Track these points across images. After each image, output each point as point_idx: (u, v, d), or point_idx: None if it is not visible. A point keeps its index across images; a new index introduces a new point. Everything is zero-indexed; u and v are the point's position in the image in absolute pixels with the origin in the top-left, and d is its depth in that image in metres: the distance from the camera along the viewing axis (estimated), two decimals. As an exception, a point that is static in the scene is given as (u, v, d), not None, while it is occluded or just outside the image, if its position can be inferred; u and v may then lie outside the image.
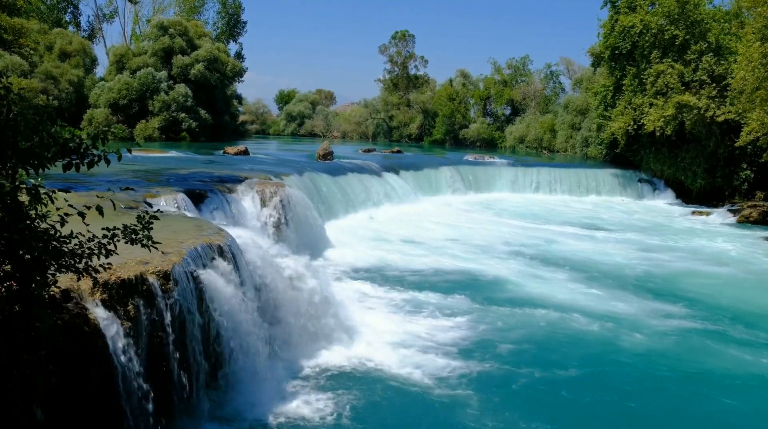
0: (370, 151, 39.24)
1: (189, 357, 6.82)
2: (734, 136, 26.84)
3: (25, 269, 4.21)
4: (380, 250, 16.65)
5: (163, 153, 26.97)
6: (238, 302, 7.70)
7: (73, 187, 11.68)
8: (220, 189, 14.31)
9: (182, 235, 8.17)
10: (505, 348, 9.89)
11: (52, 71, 42.57)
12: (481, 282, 13.98)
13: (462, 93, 66.03)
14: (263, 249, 9.54)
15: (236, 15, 64.94)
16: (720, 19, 30.56)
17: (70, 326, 5.34)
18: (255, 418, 7.30)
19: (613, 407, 8.20)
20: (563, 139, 50.44)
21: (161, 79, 43.88)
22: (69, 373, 5.11)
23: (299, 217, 15.27)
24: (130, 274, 6.25)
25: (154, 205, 10.88)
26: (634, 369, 9.40)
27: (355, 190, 22.87)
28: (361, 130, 74.91)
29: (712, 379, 9.15)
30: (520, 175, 32.71)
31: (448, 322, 10.99)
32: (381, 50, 73.23)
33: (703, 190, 30.76)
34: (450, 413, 7.72)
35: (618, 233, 21.37)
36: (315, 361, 8.97)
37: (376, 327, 10.36)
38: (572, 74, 60.16)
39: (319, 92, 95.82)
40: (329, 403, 7.76)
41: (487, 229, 20.82)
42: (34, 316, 4.16)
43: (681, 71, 29.34)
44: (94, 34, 60.66)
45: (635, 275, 15.20)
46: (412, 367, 8.90)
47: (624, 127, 31.25)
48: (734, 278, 15.54)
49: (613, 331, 10.90)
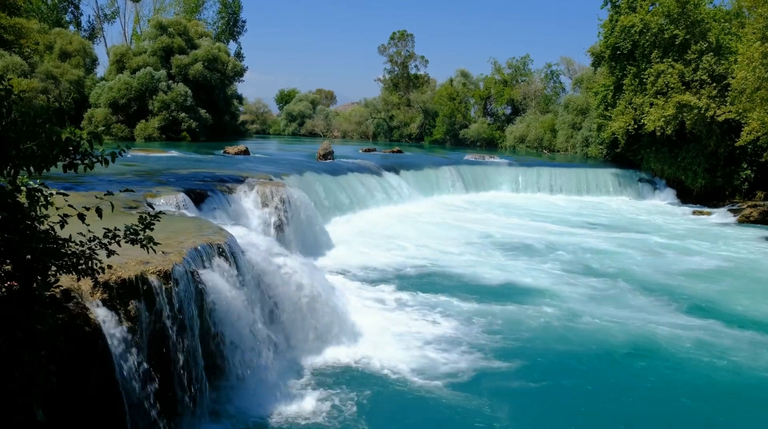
0: (371, 151, 39.24)
1: (189, 356, 6.81)
2: (734, 136, 26.85)
3: (25, 269, 4.21)
4: (380, 249, 16.66)
5: (163, 153, 26.97)
6: (238, 302, 7.70)
7: (73, 188, 11.69)
8: (221, 189, 14.32)
9: (183, 235, 8.18)
10: (506, 347, 9.89)
11: (53, 71, 42.54)
12: (482, 282, 13.97)
13: (462, 93, 66.01)
14: (264, 249, 9.55)
15: (236, 14, 64.91)
16: (720, 19, 30.56)
17: (71, 326, 5.34)
18: (255, 417, 7.31)
19: (614, 406, 8.21)
20: (563, 138, 50.44)
21: (161, 78, 43.83)
22: (70, 373, 5.11)
23: (300, 217, 15.27)
24: (130, 273, 6.25)
25: (155, 205, 10.87)
26: (630, 369, 9.41)
27: (355, 189, 22.87)
28: (361, 129, 74.90)
29: (716, 380, 9.15)
30: (520, 174, 32.73)
31: (449, 321, 10.99)
32: (381, 50, 73.25)
33: (703, 189, 30.76)
34: (451, 413, 7.72)
35: (618, 232, 21.36)
36: (316, 360, 8.98)
37: (376, 326, 10.37)
38: (573, 74, 60.21)
39: (320, 92, 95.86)
40: (330, 402, 7.76)
41: (488, 229, 20.82)
42: (35, 316, 4.16)
43: (681, 71, 29.33)
44: (95, 34, 60.65)
45: (635, 275, 15.19)
46: (413, 366, 8.91)
47: (624, 127, 31.26)
48: (735, 278, 15.53)
49: (613, 330, 10.91)
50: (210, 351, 7.32)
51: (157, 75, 43.77)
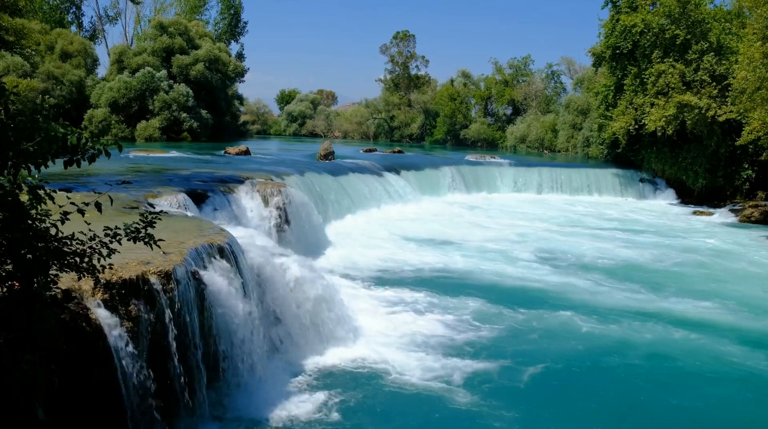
0: (372, 151, 39.22)
1: (190, 357, 6.82)
2: (735, 136, 26.81)
3: (26, 269, 4.21)
4: (380, 249, 16.65)
5: (164, 153, 26.98)
6: (239, 302, 7.70)
7: (73, 188, 11.68)
8: (222, 189, 14.32)
9: (183, 235, 8.18)
10: (507, 346, 9.88)
11: (54, 71, 42.56)
12: (483, 281, 13.96)
13: (463, 93, 66.05)
14: (264, 249, 9.55)
15: (238, 15, 64.92)
16: (721, 19, 30.54)
17: (72, 326, 5.34)
18: (255, 417, 7.31)
19: (612, 405, 8.21)
20: (564, 138, 50.43)
21: (161, 78, 43.84)
22: (70, 373, 5.11)
23: (300, 217, 15.27)
24: (131, 274, 6.25)
25: (156, 205, 10.87)
26: (638, 367, 9.42)
27: (356, 189, 22.88)
28: (362, 130, 74.94)
29: (714, 378, 9.15)
30: (521, 175, 32.74)
31: (450, 321, 10.97)
32: (382, 50, 73.33)
33: (704, 189, 30.73)
34: (451, 413, 7.71)
35: (617, 232, 21.35)
36: (316, 360, 8.97)
37: (376, 327, 10.37)
38: (573, 74, 60.23)
39: (320, 92, 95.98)
40: (330, 402, 7.76)
41: (488, 229, 20.81)
42: (37, 316, 4.16)
43: (682, 71, 29.31)
44: (96, 35, 60.66)
45: (635, 274, 15.19)
46: (413, 366, 8.90)
47: (625, 127, 31.23)
48: (738, 278, 15.52)
49: (615, 329, 10.90)
50: (210, 351, 7.32)
51: (158, 75, 43.78)
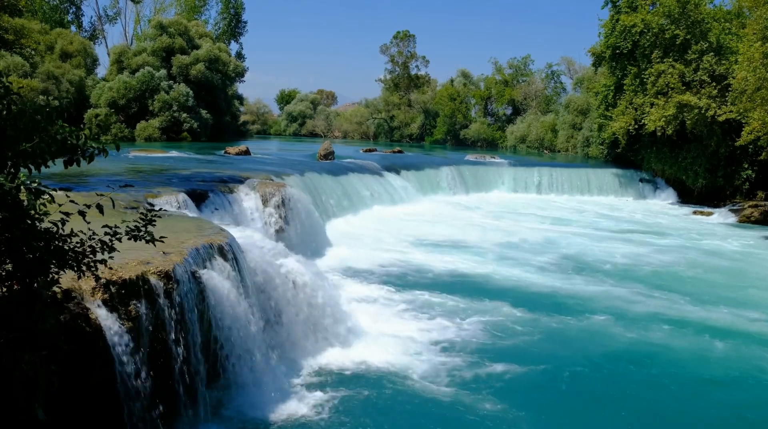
0: (372, 151, 39.22)
1: (190, 357, 6.82)
2: (735, 136, 26.82)
3: (26, 269, 4.21)
4: (380, 249, 16.66)
5: (164, 153, 26.97)
6: (238, 302, 7.70)
7: (74, 187, 11.69)
8: (222, 189, 14.33)
9: (183, 235, 8.18)
10: (510, 348, 9.88)
11: (54, 71, 42.55)
12: (485, 281, 13.97)
13: (463, 93, 66.06)
14: (264, 249, 9.54)
15: (238, 15, 64.88)
16: (721, 19, 30.56)
17: (72, 326, 5.34)
18: (255, 417, 7.31)
19: (613, 403, 8.21)
20: (564, 138, 50.45)
21: (161, 78, 43.82)
22: (70, 373, 5.12)
23: (300, 217, 15.27)
24: (131, 274, 6.25)
25: (156, 205, 10.88)
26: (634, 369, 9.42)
27: (356, 189, 22.88)
28: (362, 130, 74.94)
29: (713, 378, 9.16)
30: (520, 175, 32.75)
31: (450, 322, 10.97)
32: (382, 50, 73.35)
33: (704, 189, 30.74)
34: (450, 413, 7.71)
35: (617, 232, 21.36)
36: (315, 360, 8.97)
37: (376, 327, 10.37)
38: (573, 74, 60.27)
39: (320, 92, 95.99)
40: (329, 403, 7.76)
41: (488, 229, 20.81)
42: (37, 316, 4.16)
43: (682, 71, 29.32)
44: (96, 35, 60.64)
45: (635, 274, 15.20)
46: (413, 366, 8.90)
47: (625, 127, 31.25)
48: (737, 278, 15.52)
49: (616, 329, 10.91)
50: (210, 351, 7.32)
51: (158, 75, 43.76)
